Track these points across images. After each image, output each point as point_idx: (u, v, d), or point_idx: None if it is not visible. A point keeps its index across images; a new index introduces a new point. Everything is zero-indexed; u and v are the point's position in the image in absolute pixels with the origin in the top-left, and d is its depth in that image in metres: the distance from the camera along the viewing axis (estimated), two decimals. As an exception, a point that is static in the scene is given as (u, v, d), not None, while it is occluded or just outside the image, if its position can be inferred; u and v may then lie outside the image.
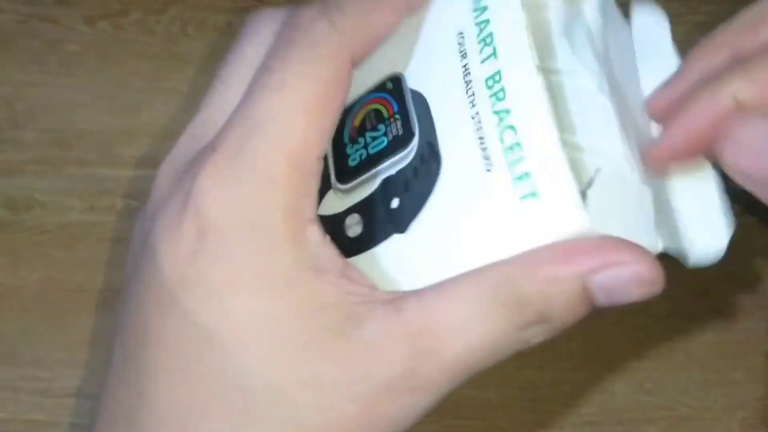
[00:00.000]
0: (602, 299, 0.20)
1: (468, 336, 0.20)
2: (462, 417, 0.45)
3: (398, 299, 0.21)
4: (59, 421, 0.44)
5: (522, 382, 0.46)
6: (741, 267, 0.47)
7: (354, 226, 0.23)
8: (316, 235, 0.22)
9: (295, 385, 0.21)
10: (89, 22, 0.50)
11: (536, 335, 0.21)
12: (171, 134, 0.47)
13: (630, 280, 0.20)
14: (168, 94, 0.48)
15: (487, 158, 0.21)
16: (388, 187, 0.22)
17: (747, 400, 0.46)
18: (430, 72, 0.22)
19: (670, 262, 0.47)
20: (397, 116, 0.22)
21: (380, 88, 0.23)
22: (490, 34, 0.21)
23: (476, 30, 0.22)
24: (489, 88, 0.21)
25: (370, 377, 0.20)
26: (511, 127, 0.20)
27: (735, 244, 0.50)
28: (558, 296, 0.20)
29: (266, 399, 0.21)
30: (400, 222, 0.22)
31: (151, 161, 0.48)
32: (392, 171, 0.22)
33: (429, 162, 0.22)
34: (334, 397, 0.20)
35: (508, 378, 0.46)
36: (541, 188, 0.20)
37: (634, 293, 0.20)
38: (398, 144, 0.22)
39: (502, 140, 0.20)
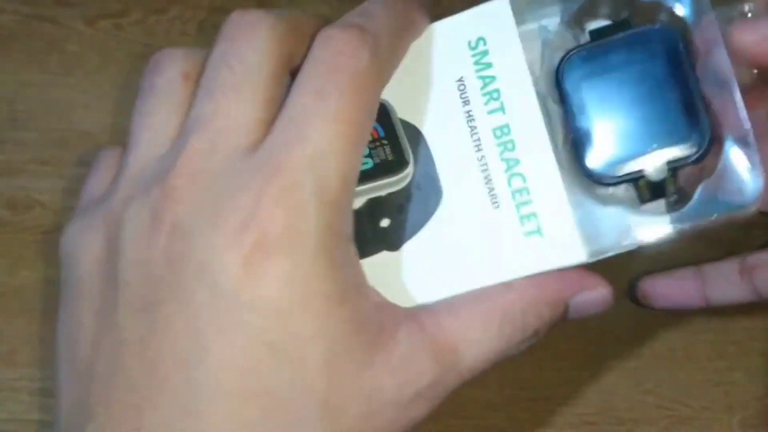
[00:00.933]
0: (573, 315, 0.26)
1: (480, 351, 0.24)
2: (462, 417, 0.45)
3: (416, 314, 0.24)
4: (59, 421, 0.44)
5: (522, 382, 0.46)
6: (740, 267, 0.47)
7: None
8: (353, 252, 0.24)
9: (345, 396, 0.23)
10: (89, 22, 0.50)
11: (526, 346, 0.25)
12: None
13: (597, 301, 0.26)
14: (168, 94, 0.48)
15: (493, 197, 0.25)
16: (375, 207, 0.25)
17: (747, 400, 0.46)
18: (428, 109, 0.25)
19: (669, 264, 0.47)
20: (384, 141, 0.25)
21: None
22: (497, 90, 0.25)
23: (480, 83, 0.25)
24: (497, 137, 0.25)
25: (405, 387, 0.23)
26: (520, 175, 0.25)
27: (735, 244, 0.50)
28: (550, 317, 0.25)
29: (321, 410, 0.23)
30: (391, 241, 0.25)
31: (151, 161, 0.48)
32: (380, 192, 0.25)
33: (428, 191, 0.25)
34: (378, 405, 0.23)
35: (508, 378, 0.46)
36: (545, 228, 0.24)
37: (597, 310, 0.26)
38: (388, 168, 0.25)
39: (509, 184, 0.25)
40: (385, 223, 0.25)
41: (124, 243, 0.24)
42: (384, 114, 0.25)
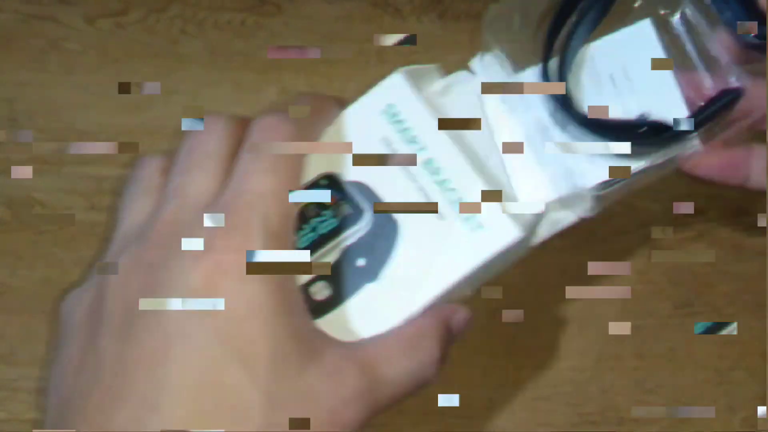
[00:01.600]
0: (454, 334, 0.32)
1: (399, 368, 0.30)
2: (462, 417, 0.45)
3: (343, 342, 0.29)
4: (59, 420, 0.44)
5: (522, 382, 0.46)
6: (740, 267, 0.47)
7: (321, 291, 0.31)
8: (295, 280, 0.29)
9: (286, 394, 0.27)
10: (89, 21, 0.50)
11: (437, 367, 0.31)
12: (171, 134, 0.46)
13: (465, 319, 0.32)
14: (168, 94, 0.48)
15: (438, 213, 0.32)
16: (349, 253, 0.31)
17: (747, 400, 0.46)
18: (367, 167, 0.32)
19: (670, 262, 0.46)
20: (341, 201, 0.32)
21: (313, 185, 0.32)
22: (414, 136, 0.32)
23: (400, 136, 0.32)
24: (426, 168, 0.32)
25: (336, 393, 0.28)
26: (452, 189, 0.32)
27: (734, 245, 0.50)
28: (443, 337, 0.31)
29: (264, 402, 0.27)
30: (370, 274, 0.31)
31: (151, 161, 0.48)
32: (351, 241, 0.31)
33: (387, 226, 0.32)
34: (313, 406, 0.28)
35: (508, 378, 0.46)
36: (483, 222, 0.32)
37: (465, 328, 0.32)
38: (351, 221, 0.32)
39: (447, 199, 0.32)
40: (361, 262, 0.31)
41: (110, 287, 0.29)
42: (335, 182, 0.32)
